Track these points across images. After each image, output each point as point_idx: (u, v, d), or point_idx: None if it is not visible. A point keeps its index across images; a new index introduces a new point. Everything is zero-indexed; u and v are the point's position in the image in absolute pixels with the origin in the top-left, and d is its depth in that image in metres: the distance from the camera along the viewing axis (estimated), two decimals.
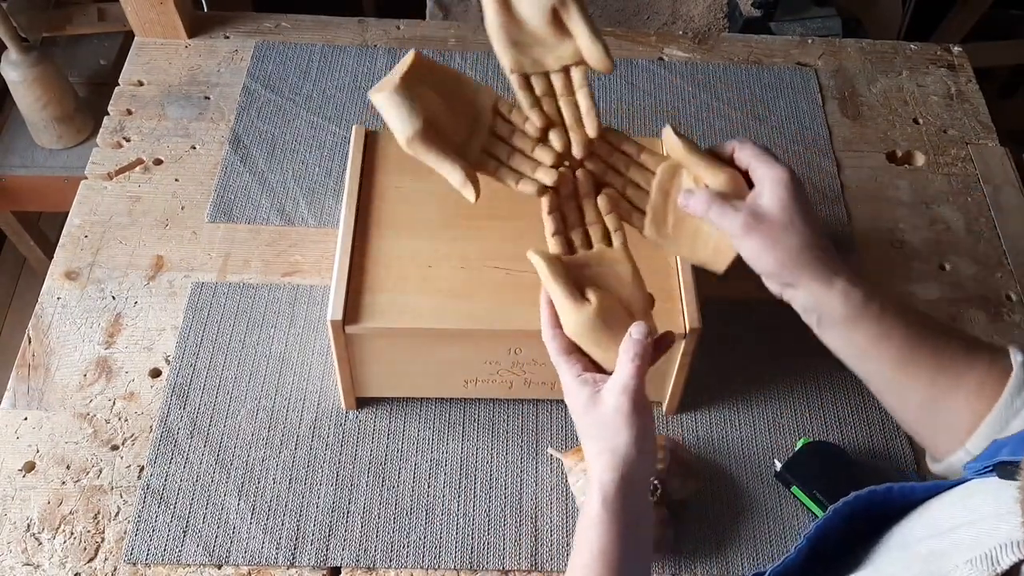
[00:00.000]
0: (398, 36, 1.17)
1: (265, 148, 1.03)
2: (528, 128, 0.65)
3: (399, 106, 0.62)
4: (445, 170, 0.62)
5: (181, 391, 0.84)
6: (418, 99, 0.62)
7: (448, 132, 0.64)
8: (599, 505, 0.56)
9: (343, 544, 0.77)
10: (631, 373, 0.57)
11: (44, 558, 0.74)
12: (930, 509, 0.54)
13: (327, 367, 0.86)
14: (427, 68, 0.65)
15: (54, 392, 0.84)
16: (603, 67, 0.62)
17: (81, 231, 0.95)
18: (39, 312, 0.89)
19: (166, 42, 1.13)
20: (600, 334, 0.59)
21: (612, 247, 0.63)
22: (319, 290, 0.91)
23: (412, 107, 0.61)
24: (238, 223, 0.96)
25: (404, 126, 0.62)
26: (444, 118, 0.64)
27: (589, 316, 0.59)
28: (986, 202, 1.05)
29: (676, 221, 0.64)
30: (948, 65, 1.19)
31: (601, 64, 0.62)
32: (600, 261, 0.63)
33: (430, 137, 0.62)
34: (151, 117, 1.05)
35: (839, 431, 0.85)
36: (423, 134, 0.62)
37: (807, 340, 0.90)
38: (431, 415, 0.84)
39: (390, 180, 0.81)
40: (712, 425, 0.85)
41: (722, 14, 1.42)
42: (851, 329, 0.59)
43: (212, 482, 0.79)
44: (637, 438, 0.57)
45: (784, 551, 0.78)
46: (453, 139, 0.64)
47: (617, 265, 0.63)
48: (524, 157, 0.65)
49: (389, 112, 0.62)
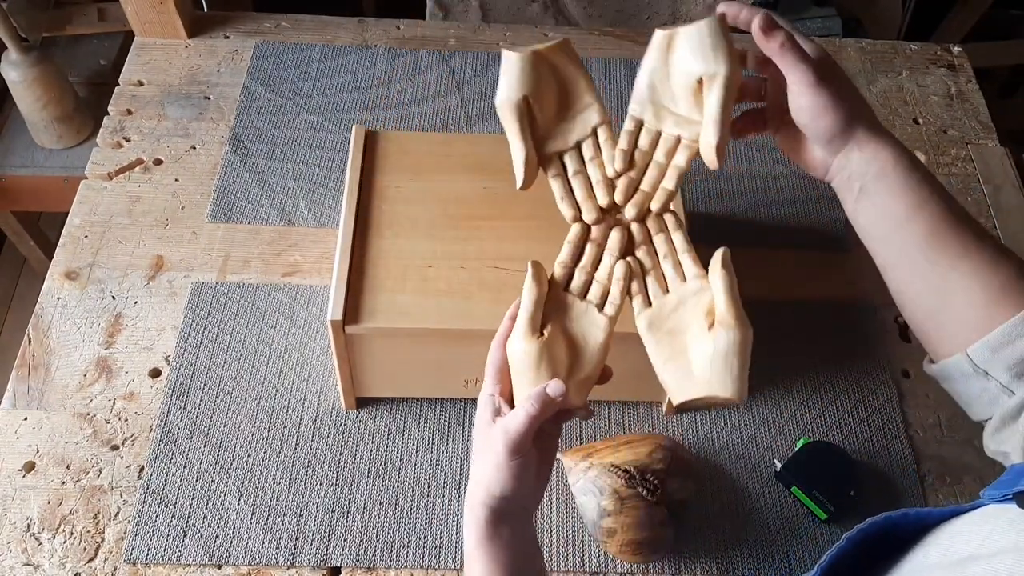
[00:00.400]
0: (398, 36, 1.17)
1: (265, 148, 1.03)
2: (606, 162, 0.63)
3: (516, 70, 0.61)
4: (515, 146, 0.62)
5: (181, 391, 0.84)
6: (537, 76, 0.62)
7: (541, 119, 0.63)
8: (474, 543, 0.58)
9: (343, 544, 0.77)
10: (520, 420, 0.56)
11: (44, 558, 0.74)
12: (944, 533, 0.53)
13: (327, 367, 0.86)
14: (567, 59, 0.64)
15: (54, 392, 0.84)
16: (708, 160, 0.60)
17: (81, 231, 0.95)
18: (39, 312, 0.89)
19: (166, 42, 1.13)
20: (527, 372, 0.58)
21: (601, 312, 0.61)
22: (319, 290, 0.91)
23: (525, 77, 0.61)
24: (238, 223, 0.96)
25: (507, 88, 0.62)
26: (547, 106, 0.63)
27: (530, 349, 0.58)
28: (986, 202, 1.05)
29: (671, 331, 0.60)
30: (948, 65, 1.19)
31: (708, 157, 0.60)
32: (581, 316, 0.61)
33: (521, 111, 0.62)
34: (151, 117, 1.05)
35: (839, 431, 0.85)
36: (517, 105, 0.61)
37: (807, 340, 0.91)
38: (431, 415, 0.84)
39: (390, 180, 0.81)
40: (712, 425, 0.85)
41: None
42: (895, 193, 0.59)
43: (212, 482, 0.79)
44: (513, 477, 0.57)
45: (784, 551, 0.78)
46: (541, 127, 0.63)
47: (594, 329, 0.60)
48: (585, 182, 0.63)
49: (505, 69, 0.62)
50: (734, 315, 0.56)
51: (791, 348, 0.90)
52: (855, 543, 0.57)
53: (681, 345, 0.58)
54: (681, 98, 0.61)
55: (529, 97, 0.62)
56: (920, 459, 0.84)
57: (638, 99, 0.63)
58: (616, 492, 0.73)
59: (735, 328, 0.55)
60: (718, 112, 0.59)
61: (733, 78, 0.59)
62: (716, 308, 0.57)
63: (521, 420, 0.56)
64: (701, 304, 0.59)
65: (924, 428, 0.86)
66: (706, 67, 0.59)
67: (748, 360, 0.56)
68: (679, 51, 0.61)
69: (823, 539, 0.79)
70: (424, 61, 1.14)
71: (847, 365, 0.89)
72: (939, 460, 0.84)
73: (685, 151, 0.62)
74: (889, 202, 0.59)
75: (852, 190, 0.61)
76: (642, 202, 0.62)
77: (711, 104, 0.59)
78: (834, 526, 0.79)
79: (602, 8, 1.41)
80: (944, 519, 0.54)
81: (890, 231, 0.60)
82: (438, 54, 1.15)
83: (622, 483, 0.73)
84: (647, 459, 0.75)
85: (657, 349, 0.59)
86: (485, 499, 0.58)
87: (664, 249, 0.62)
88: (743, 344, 0.55)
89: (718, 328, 0.56)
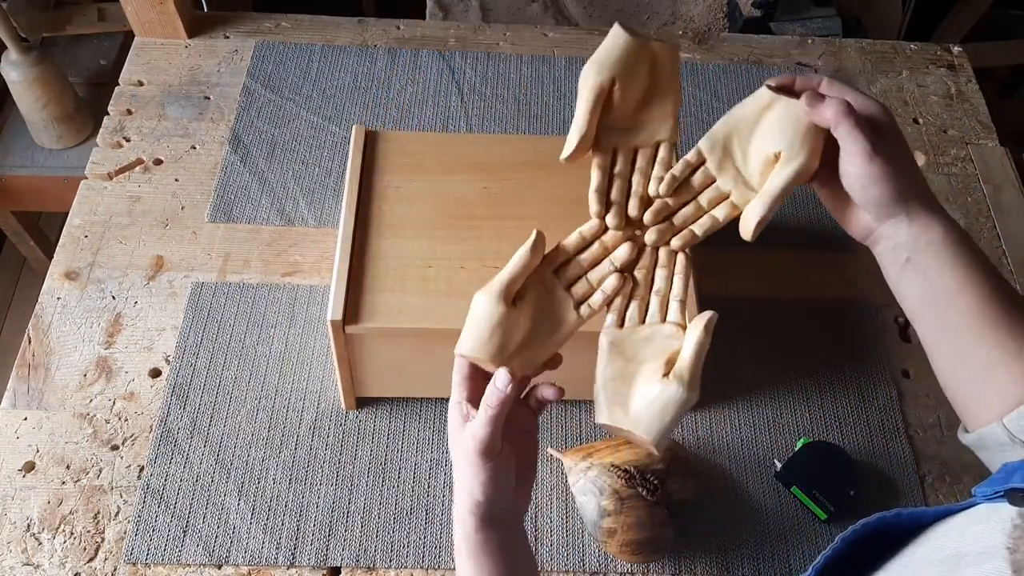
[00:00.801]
0: (398, 36, 1.17)
1: (265, 148, 1.03)
2: (653, 179, 0.63)
3: (619, 49, 0.61)
4: (579, 118, 0.61)
5: (181, 391, 0.84)
6: (634, 64, 0.61)
7: (617, 106, 0.62)
8: (464, 554, 0.58)
9: (343, 544, 0.77)
10: (482, 421, 0.56)
11: (44, 558, 0.74)
12: (936, 533, 0.53)
13: (327, 367, 0.86)
14: (670, 65, 0.63)
15: (54, 392, 0.84)
16: (744, 229, 0.60)
17: (81, 231, 0.95)
18: (39, 312, 0.89)
19: (166, 42, 1.13)
20: (479, 331, 0.58)
21: (575, 309, 0.61)
22: (319, 290, 0.91)
23: (624, 60, 0.61)
24: (238, 223, 0.96)
25: (599, 62, 0.61)
26: (628, 97, 0.62)
27: (493, 312, 0.57)
28: (986, 202, 1.05)
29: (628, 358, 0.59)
30: (948, 65, 1.19)
31: (745, 226, 0.60)
32: (555, 303, 0.60)
33: (601, 90, 0.61)
34: (151, 117, 1.05)
35: (839, 431, 0.85)
36: (601, 82, 0.61)
37: (807, 340, 0.91)
38: (431, 415, 0.84)
39: (390, 180, 0.81)
40: (712, 425, 0.85)
41: (722, 14, 1.42)
42: (944, 268, 0.58)
43: (212, 482, 0.79)
44: (491, 480, 0.57)
45: (784, 551, 0.78)
46: (613, 114, 0.63)
47: (561, 322, 0.60)
48: (624, 187, 0.63)
49: (609, 44, 0.61)
50: (691, 376, 0.56)
51: (791, 348, 0.90)
52: (849, 543, 0.57)
53: (630, 375, 0.59)
54: (751, 160, 0.61)
55: (616, 80, 0.61)
56: (920, 459, 0.84)
57: (712, 139, 0.62)
58: (616, 492, 0.73)
59: (686, 388, 0.56)
60: (778, 192, 0.59)
61: (807, 169, 0.59)
62: (679, 361, 0.57)
63: (483, 421, 0.56)
64: (667, 350, 0.59)
65: (924, 428, 0.86)
66: (789, 148, 0.59)
67: (679, 420, 0.57)
68: (773, 118, 0.60)
69: (823, 539, 0.79)
70: (424, 61, 1.14)
71: (847, 365, 0.89)
72: (939, 460, 0.84)
73: (727, 208, 0.62)
74: (936, 276, 0.58)
75: (897, 260, 0.60)
76: (665, 233, 0.62)
77: (775, 182, 0.59)
78: (834, 526, 0.79)
79: (602, 8, 1.41)
80: (938, 518, 0.54)
81: (936, 304, 0.59)
82: (438, 54, 1.15)
83: (622, 483, 0.73)
84: (647, 459, 0.75)
85: (608, 367, 0.59)
86: (471, 507, 0.58)
87: (660, 285, 0.62)
88: (684, 405, 0.56)
89: (672, 380, 0.56)
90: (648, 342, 0.59)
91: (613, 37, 0.62)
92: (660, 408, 0.56)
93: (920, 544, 0.53)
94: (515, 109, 1.09)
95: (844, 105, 0.57)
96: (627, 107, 0.63)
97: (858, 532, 0.57)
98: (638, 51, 0.61)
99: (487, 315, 0.58)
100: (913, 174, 0.59)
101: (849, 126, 0.56)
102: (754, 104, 0.61)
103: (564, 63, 1.14)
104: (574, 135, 0.61)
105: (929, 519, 0.54)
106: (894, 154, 0.57)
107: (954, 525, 0.52)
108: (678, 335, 0.59)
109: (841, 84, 0.60)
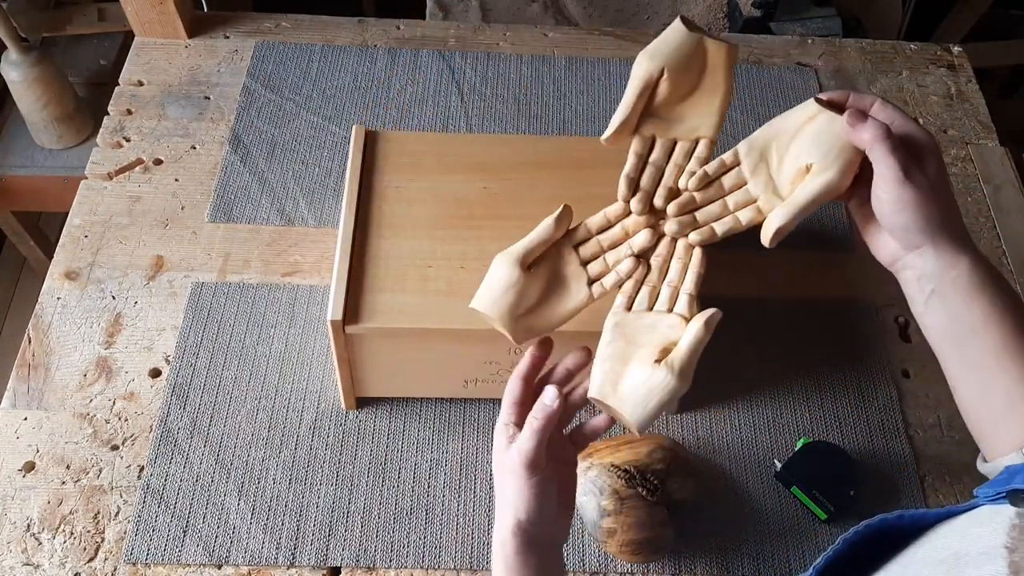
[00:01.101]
0: (398, 36, 1.17)
1: (265, 148, 1.03)
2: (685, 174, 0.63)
3: (674, 43, 0.61)
4: (624, 102, 0.62)
5: (181, 391, 0.84)
6: (687, 58, 0.61)
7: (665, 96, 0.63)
8: (502, 569, 0.59)
9: (343, 544, 0.77)
10: (528, 435, 0.59)
11: (44, 558, 0.74)
12: (937, 534, 0.53)
13: (327, 367, 0.86)
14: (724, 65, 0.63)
15: (54, 392, 0.84)
16: (765, 234, 0.60)
17: (81, 231, 0.95)
18: (39, 312, 0.89)
19: (166, 42, 1.13)
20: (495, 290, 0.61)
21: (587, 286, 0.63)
22: (319, 290, 0.91)
23: (678, 53, 0.61)
24: (238, 223, 0.96)
25: (649, 53, 0.61)
26: (677, 89, 0.63)
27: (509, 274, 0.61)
28: (986, 202, 1.05)
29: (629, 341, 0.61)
30: (948, 65, 1.19)
31: (767, 231, 0.60)
32: (569, 277, 0.63)
33: (650, 78, 0.62)
34: (151, 117, 1.05)
35: (839, 431, 0.85)
36: (650, 71, 0.61)
37: (807, 340, 0.91)
38: (431, 415, 0.84)
39: (390, 180, 0.81)
40: (712, 425, 0.85)
41: (722, 14, 1.42)
42: (971, 301, 0.57)
43: (212, 482, 0.79)
44: (535, 497, 0.59)
45: (784, 551, 0.78)
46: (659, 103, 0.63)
47: (572, 295, 0.62)
48: (655, 176, 0.64)
49: (668, 36, 0.62)
50: (683, 366, 0.57)
51: (791, 348, 0.90)
52: (851, 544, 0.57)
53: (627, 356, 0.60)
54: (785, 168, 0.61)
55: (666, 71, 0.61)
56: (920, 459, 0.84)
57: (751, 144, 0.62)
58: (616, 492, 0.73)
59: (676, 377, 0.57)
60: (804, 202, 0.59)
61: (837, 185, 0.58)
62: (675, 351, 0.58)
63: (528, 435, 0.59)
64: (667, 339, 0.59)
65: (924, 428, 0.86)
66: (823, 161, 0.59)
67: (665, 406, 0.57)
68: (812, 130, 0.60)
69: (823, 539, 0.79)
70: (424, 61, 1.14)
71: (847, 365, 0.89)
72: (939, 460, 0.84)
73: (752, 213, 0.62)
74: (963, 309, 0.58)
75: (923, 290, 0.59)
76: (686, 226, 0.62)
77: (802, 193, 0.59)
78: (834, 526, 0.79)
79: (602, 8, 1.41)
80: (940, 520, 0.54)
81: (961, 336, 0.59)
82: (438, 54, 1.15)
83: (622, 483, 0.73)
84: (647, 459, 0.75)
85: (608, 346, 0.61)
86: (512, 528, 0.59)
87: (674, 276, 0.62)
88: (672, 393, 0.57)
89: (663, 367, 0.57)
90: (651, 329, 0.60)
91: (671, 29, 0.62)
92: (646, 392, 0.57)
93: (921, 545, 0.53)
94: (515, 109, 1.09)
95: (883, 129, 0.56)
96: (674, 99, 0.63)
97: (860, 533, 0.57)
98: (693, 46, 0.61)
99: (502, 277, 0.61)
100: (947, 205, 0.58)
101: (885, 150, 0.56)
102: (799, 115, 0.61)
103: (564, 63, 1.14)
104: (617, 118, 0.62)
105: (931, 520, 0.55)
106: (928, 184, 0.56)
107: (955, 527, 0.52)
108: (680, 326, 0.60)
109: (894, 108, 0.59)
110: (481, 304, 0.62)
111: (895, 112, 0.59)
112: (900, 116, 0.59)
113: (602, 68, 1.15)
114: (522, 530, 0.59)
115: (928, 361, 0.90)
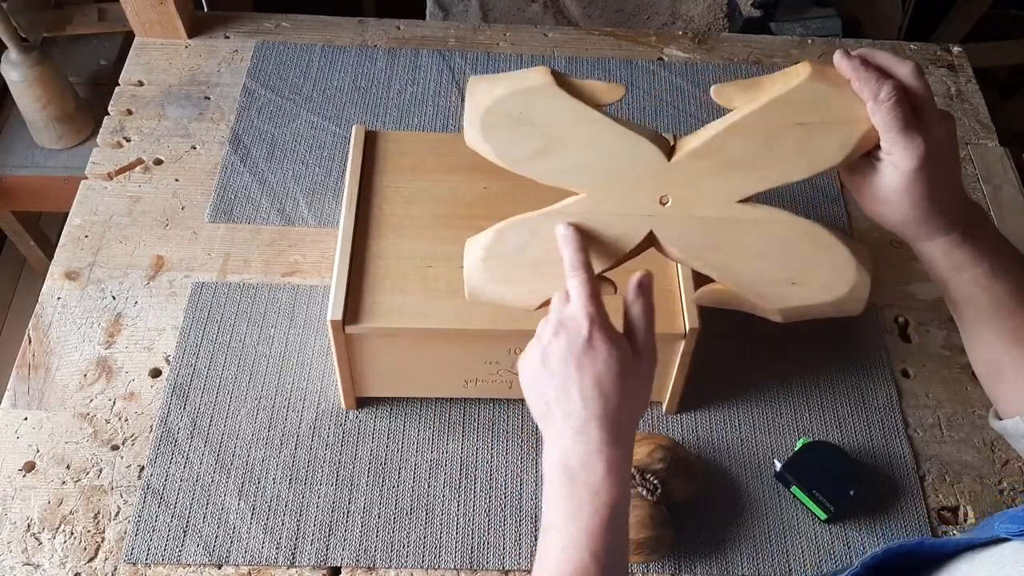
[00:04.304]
0: (398, 36, 1.17)
1: (265, 148, 1.03)
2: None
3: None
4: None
5: (181, 391, 0.84)
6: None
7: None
8: (603, 469, 0.52)
9: (343, 544, 0.77)
10: (576, 286, 0.56)
11: (44, 558, 0.74)
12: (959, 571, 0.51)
13: (327, 367, 0.86)
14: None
15: (54, 392, 0.84)
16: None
17: (81, 231, 0.95)
18: (39, 312, 0.89)
19: (166, 42, 1.13)
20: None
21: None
22: (319, 290, 0.91)
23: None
24: (238, 223, 0.96)
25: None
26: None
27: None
28: (986, 202, 1.05)
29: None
30: (948, 65, 1.19)
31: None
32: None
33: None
34: (151, 117, 1.05)
35: (839, 431, 0.85)
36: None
37: (807, 340, 0.91)
38: (431, 415, 0.84)
39: (390, 180, 0.81)
40: (712, 425, 0.85)
41: (722, 14, 1.42)
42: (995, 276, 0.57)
43: (212, 482, 0.79)
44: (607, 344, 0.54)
45: (784, 551, 0.78)
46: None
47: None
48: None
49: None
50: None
51: (791, 348, 0.90)
52: (868, 568, 0.57)
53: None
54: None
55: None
56: (920, 459, 0.84)
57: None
58: None
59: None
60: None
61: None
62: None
63: (577, 286, 0.56)
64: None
65: (924, 428, 0.86)
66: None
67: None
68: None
69: (823, 539, 0.79)
70: (424, 61, 1.14)
71: (847, 365, 0.89)
72: (939, 460, 0.84)
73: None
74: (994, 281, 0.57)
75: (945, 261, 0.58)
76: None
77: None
78: (834, 526, 0.79)
79: (602, 8, 1.41)
80: (959, 550, 0.53)
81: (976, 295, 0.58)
82: (438, 54, 1.15)
83: None
84: (647, 459, 0.75)
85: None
86: (596, 411, 0.53)
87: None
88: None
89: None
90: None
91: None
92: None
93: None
94: None
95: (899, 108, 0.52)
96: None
97: (879, 557, 0.56)
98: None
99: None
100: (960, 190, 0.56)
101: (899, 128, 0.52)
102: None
103: (564, 63, 1.14)
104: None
105: (951, 550, 0.53)
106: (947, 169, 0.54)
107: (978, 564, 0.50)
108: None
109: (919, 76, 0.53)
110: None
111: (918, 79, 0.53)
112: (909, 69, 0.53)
113: (602, 68, 1.15)
114: (607, 417, 0.53)
115: (928, 361, 0.90)
